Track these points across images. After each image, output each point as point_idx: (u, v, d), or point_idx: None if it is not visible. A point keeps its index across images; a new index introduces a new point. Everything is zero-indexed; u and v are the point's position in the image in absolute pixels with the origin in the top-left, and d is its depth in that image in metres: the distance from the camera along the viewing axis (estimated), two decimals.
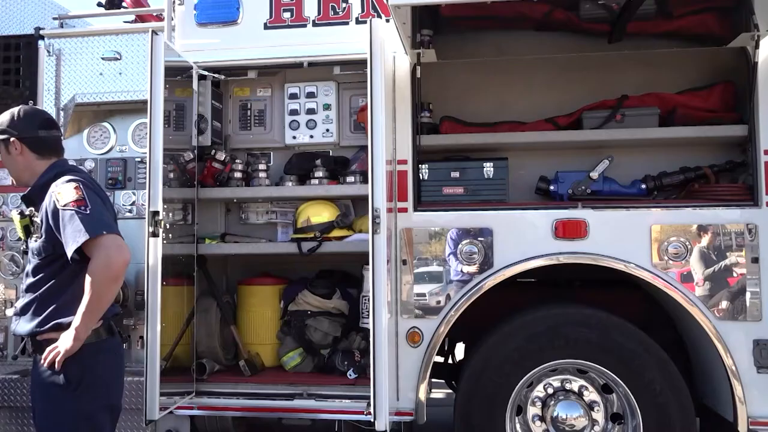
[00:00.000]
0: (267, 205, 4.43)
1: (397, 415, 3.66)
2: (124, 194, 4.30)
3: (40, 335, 2.73)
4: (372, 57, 3.27)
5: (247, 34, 4.04)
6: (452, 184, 3.93)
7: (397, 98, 3.79)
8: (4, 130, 2.84)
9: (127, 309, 4.13)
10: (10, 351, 4.31)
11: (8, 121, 2.86)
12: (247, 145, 4.48)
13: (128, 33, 4.49)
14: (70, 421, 2.68)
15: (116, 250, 2.61)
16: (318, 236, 4.04)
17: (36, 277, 2.76)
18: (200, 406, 3.87)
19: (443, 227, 3.78)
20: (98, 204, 2.71)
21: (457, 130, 4.21)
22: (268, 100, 4.47)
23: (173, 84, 3.86)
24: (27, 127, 2.86)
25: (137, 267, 4.03)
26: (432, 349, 3.70)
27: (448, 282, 3.75)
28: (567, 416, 3.61)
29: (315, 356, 4.19)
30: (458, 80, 4.48)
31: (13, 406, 3.97)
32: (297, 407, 3.79)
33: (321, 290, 4.22)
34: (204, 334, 4.12)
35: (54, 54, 4.48)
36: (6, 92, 4.47)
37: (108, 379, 2.81)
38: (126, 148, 4.38)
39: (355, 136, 4.35)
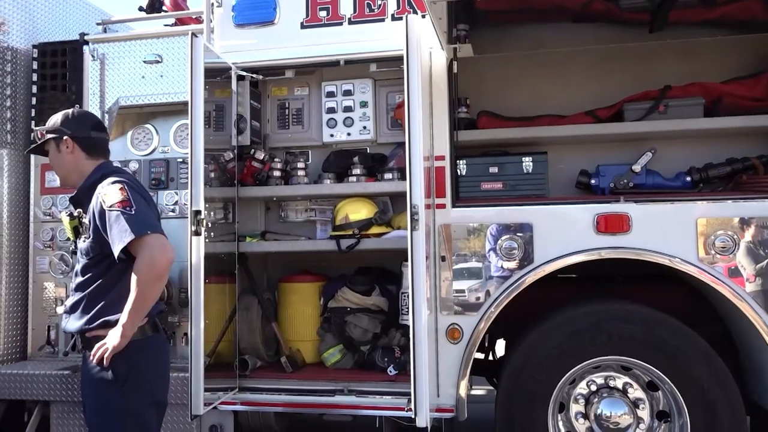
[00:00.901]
0: (306, 203, 4.47)
1: (437, 411, 3.65)
2: (167, 194, 4.39)
3: (89, 332, 2.80)
4: (408, 53, 3.26)
5: (284, 34, 4.07)
6: (491, 180, 3.91)
7: (433, 94, 3.77)
8: (57, 129, 2.93)
9: (171, 306, 4.22)
10: (62, 347, 4.45)
11: (62, 121, 2.95)
12: (285, 143, 4.52)
13: (169, 36, 4.57)
14: (118, 417, 2.75)
15: (160, 249, 2.67)
16: (356, 233, 4.06)
17: (84, 277, 2.84)
18: (243, 401, 3.92)
19: (482, 223, 3.75)
20: (142, 204, 2.77)
21: (495, 125, 4.17)
22: (306, 99, 4.49)
23: (213, 85, 3.92)
24: (80, 127, 2.95)
25: (181, 265, 4.11)
26: (472, 346, 3.68)
27: (487, 278, 3.72)
28: (611, 414, 3.55)
29: (355, 353, 4.21)
30: (495, 74, 4.44)
31: (65, 401, 4.10)
32: (338, 403, 3.81)
33: (360, 287, 4.24)
34: (246, 331, 4.18)
35: (98, 58, 4.59)
36: (54, 97, 4.60)
37: (153, 376, 2.88)
38: (168, 149, 4.46)
39: (392, 132, 4.35)
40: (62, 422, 4.15)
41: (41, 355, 4.52)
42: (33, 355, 4.54)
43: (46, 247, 4.56)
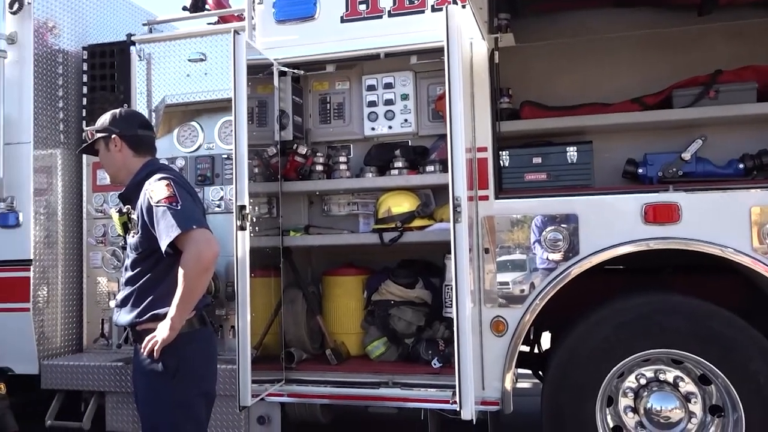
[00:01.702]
0: (348, 197, 4.49)
1: (482, 404, 3.63)
2: (213, 190, 4.48)
3: (139, 326, 2.88)
4: (449, 44, 3.23)
5: (325, 29, 4.09)
6: (534, 170, 3.85)
7: (475, 85, 3.74)
8: (106, 128, 3.02)
9: (218, 300, 4.31)
10: (115, 340, 4.60)
11: (110, 120, 3.04)
12: (327, 138, 4.55)
13: (212, 34, 4.65)
14: (169, 408, 2.82)
15: (206, 244, 2.72)
16: (399, 226, 4.06)
17: (134, 271, 2.92)
18: (290, 393, 3.97)
19: (525, 214, 3.70)
20: (188, 200, 2.83)
21: (538, 115, 4.11)
22: (347, 93, 4.51)
23: (255, 81, 3.96)
24: (128, 125, 3.03)
25: (227, 260, 4.19)
26: (517, 339, 3.65)
27: (532, 270, 3.67)
28: (662, 408, 3.48)
29: (399, 345, 4.22)
30: (538, 63, 4.37)
31: (119, 391, 4.23)
32: (383, 395, 3.83)
33: (403, 280, 4.24)
34: (291, 324, 4.23)
35: (145, 58, 4.70)
36: (103, 97, 4.74)
37: (201, 368, 2.94)
38: (213, 146, 4.55)
39: (433, 125, 4.33)
40: (117, 412, 4.30)
41: (96, 347, 4.68)
42: (88, 347, 4.71)
43: (99, 243, 4.71)
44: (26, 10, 4.50)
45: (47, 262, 4.55)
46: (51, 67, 4.67)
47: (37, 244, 4.49)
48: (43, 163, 4.59)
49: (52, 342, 4.54)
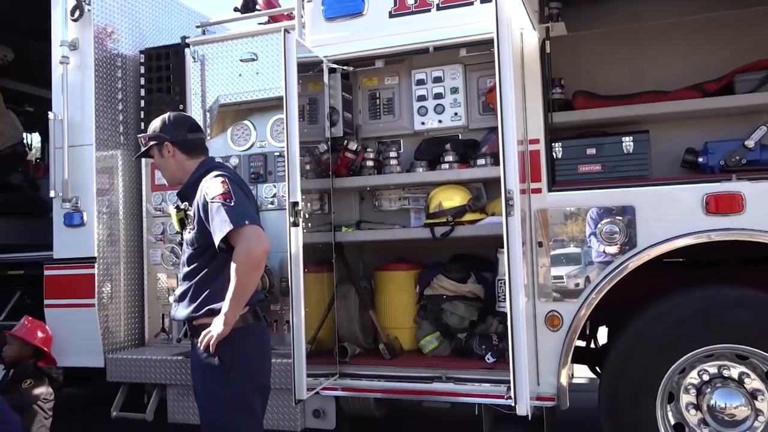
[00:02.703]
0: (399, 192, 4.49)
1: (538, 399, 3.59)
2: (266, 187, 4.55)
3: (196, 320, 2.96)
4: (499, 35, 3.19)
5: (373, 24, 4.10)
6: (589, 162, 3.77)
7: (526, 76, 3.68)
8: (157, 135, 3.11)
9: (273, 295, 4.38)
10: (175, 334, 4.74)
11: (160, 127, 3.13)
12: (377, 133, 4.56)
13: (262, 34, 4.73)
14: (225, 400, 2.89)
15: (256, 240, 2.77)
16: (450, 221, 4.04)
17: (191, 267, 3.00)
18: (344, 387, 4.01)
19: (580, 207, 3.63)
20: (242, 197, 2.89)
21: (592, 105, 4.01)
22: (396, 88, 4.50)
23: (305, 79, 4.01)
24: (177, 131, 3.11)
25: (280, 256, 4.26)
26: (573, 333, 3.58)
27: (587, 263, 3.60)
28: (726, 405, 3.36)
29: (452, 340, 4.21)
30: (591, 52, 4.27)
31: (180, 384, 4.36)
32: (436, 390, 3.83)
33: (455, 274, 4.22)
34: (344, 319, 4.27)
35: (198, 60, 4.81)
36: (159, 99, 4.88)
37: (256, 362, 3.00)
38: (265, 144, 4.62)
39: (484, 118, 4.28)
40: (177, 404, 4.43)
41: (157, 341, 4.83)
42: (150, 341, 4.87)
43: (158, 240, 4.86)
44: (86, 17, 4.67)
45: (110, 259, 4.72)
46: (110, 71, 4.83)
47: (101, 242, 4.66)
48: (105, 164, 4.75)
49: (116, 336, 4.71)
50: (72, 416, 4.77)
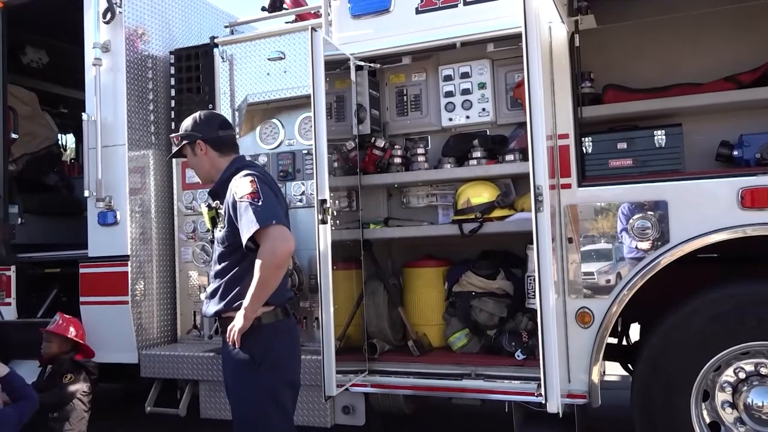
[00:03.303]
0: (427, 188, 4.48)
1: (569, 397, 3.55)
2: (294, 185, 4.58)
3: (224, 313, 3.00)
4: (527, 30, 3.16)
5: (400, 21, 4.09)
6: (619, 156, 3.71)
7: (555, 70, 3.64)
8: (190, 134, 3.15)
9: (302, 293, 4.41)
10: (206, 331, 4.80)
11: (192, 126, 3.17)
12: (404, 130, 4.55)
13: (290, 33, 4.75)
14: (256, 396, 2.92)
15: (281, 240, 2.79)
16: (479, 217, 4.02)
17: (221, 265, 3.04)
18: (373, 384, 4.02)
19: (610, 202, 3.58)
20: (270, 196, 2.91)
21: (623, 99, 3.96)
22: (423, 85, 4.49)
23: (333, 77, 4.02)
24: (209, 128, 3.15)
25: (309, 253, 4.29)
26: (604, 330, 3.54)
27: (618, 260, 3.55)
28: (763, 404, 3.28)
29: (481, 337, 4.19)
30: (621, 45, 4.21)
31: (212, 380, 4.42)
32: (466, 387, 3.81)
33: (484, 271, 4.20)
34: (373, 316, 4.28)
35: (227, 59, 4.86)
36: (189, 98, 4.94)
37: (286, 358, 3.03)
38: (294, 142, 4.65)
39: (512, 113, 4.25)
40: (210, 399, 4.49)
41: (189, 338, 4.91)
42: (182, 338, 4.94)
43: (189, 238, 4.93)
44: (118, 19, 4.75)
45: (143, 257, 4.81)
46: (141, 72, 4.91)
47: (134, 240, 4.74)
48: (137, 163, 4.83)
49: (149, 333, 4.80)
50: (108, 411, 4.86)
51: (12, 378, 2.96)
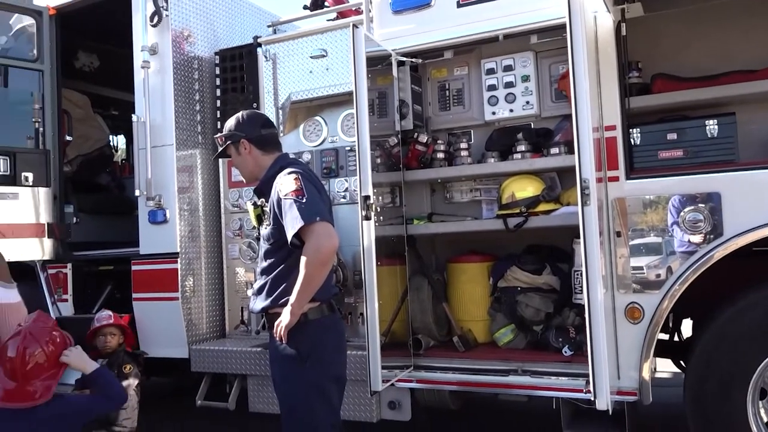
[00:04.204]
0: (471, 183, 4.45)
1: (619, 394, 3.49)
2: (338, 182, 4.61)
3: (271, 309, 3.05)
4: (571, 20, 3.10)
5: (441, 15, 4.06)
6: (669, 147, 3.61)
7: (601, 60, 3.56)
8: (233, 134, 3.20)
9: (347, 288, 4.44)
10: (254, 326, 4.88)
11: (235, 125, 3.22)
12: (447, 125, 4.53)
13: (331, 30, 4.77)
14: (303, 391, 2.96)
15: (326, 237, 2.82)
16: (524, 211, 3.97)
17: (267, 262, 3.09)
18: (418, 379, 4.03)
19: (660, 195, 3.49)
20: (314, 194, 2.94)
21: (672, 88, 3.85)
22: (465, 79, 4.46)
23: (375, 73, 4.02)
24: (251, 128, 3.20)
25: (353, 249, 4.31)
26: (655, 326, 3.46)
27: (668, 253, 3.46)
28: None
29: (527, 332, 4.15)
30: (669, 33, 4.09)
31: (260, 375, 4.49)
32: (512, 383, 3.78)
33: (530, 266, 4.15)
34: (418, 311, 4.28)
35: (270, 59, 4.92)
36: (234, 98, 5.02)
37: (332, 353, 3.06)
38: (337, 139, 4.68)
39: (556, 105, 4.18)
40: (258, 393, 4.56)
41: (237, 333, 5.00)
42: (230, 333, 5.04)
43: (236, 235, 5.01)
44: (165, 22, 4.86)
45: (192, 254, 4.91)
46: (188, 73, 5.01)
47: (183, 238, 4.85)
48: (185, 163, 4.94)
49: (198, 328, 4.90)
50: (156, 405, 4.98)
51: (97, 376, 3.00)
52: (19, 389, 2.70)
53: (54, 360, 2.81)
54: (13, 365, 2.72)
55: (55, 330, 2.91)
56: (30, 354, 2.73)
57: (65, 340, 2.95)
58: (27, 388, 2.71)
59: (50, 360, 2.79)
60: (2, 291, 3.02)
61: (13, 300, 3.06)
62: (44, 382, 2.75)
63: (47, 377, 2.77)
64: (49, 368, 2.78)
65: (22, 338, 2.77)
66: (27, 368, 2.72)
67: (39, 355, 2.75)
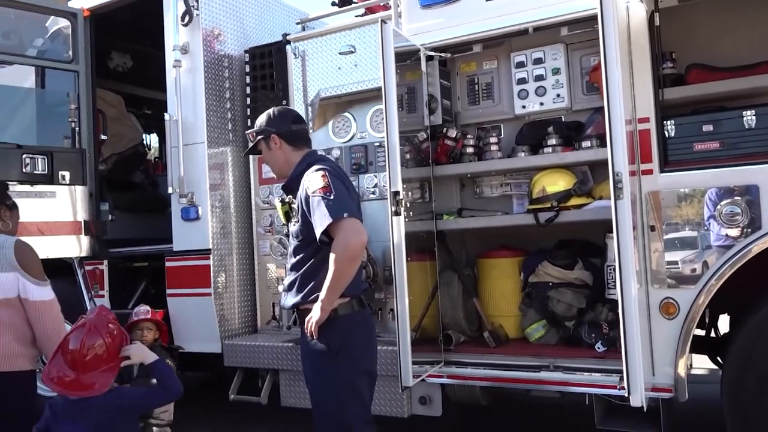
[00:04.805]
0: (501, 178, 4.41)
1: (653, 390, 3.43)
2: (367, 178, 4.61)
3: (302, 305, 3.07)
4: (603, 11, 3.06)
5: (470, 9, 4.03)
6: (705, 139, 3.53)
7: (633, 52, 3.50)
8: (264, 129, 3.23)
9: (377, 284, 4.45)
10: (285, 322, 4.93)
11: (266, 121, 3.25)
12: (476, 119, 4.50)
13: (360, 26, 4.78)
14: (334, 385, 2.98)
15: (354, 234, 2.82)
16: (555, 206, 3.93)
17: (296, 258, 3.11)
18: (449, 375, 4.02)
19: (695, 188, 3.42)
20: (342, 190, 2.94)
21: (708, 78, 3.75)
22: (495, 72, 4.42)
23: (403, 68, 4.02)
24: (282, 123, 3.22)
25: (383, 245, 4.32)
26: (690, 322, 3.39)
27: (704, 248, 3.39)
28: None
29: (559, 328, 4.11)
30: (705, 22, 4.00)
31: (291, 369, 4.53)
32: (544, 379, 3.75)
33: (561, 261, 4.11)
34: (448, 307, 4.27)
35: (299, 56, 4.94)
36: (264, 95, 5.06)
37: (363, 348, 3.07)
38: (365, 135, 4.68)
39: (588, 98, 4.12)
40: (290, 388, 4.61)
41: (268, 328, 5.05)
42: (262, 328, 5.09)
43: (266, 232, 5.06)
44: (195, 21, 4.91)
45: (223, 250, 4.97)
46: (218, 71, 5.07)
47: (215, 234, 4.92)
48: (216, 160, 5.00)
49: (231, 323, 4.97)
50: (190, 398, 5.05)
51: (157, 366, 3.06)
52: (78, 379, 2.78)
53: (114, 352, 2.88)
54: (74, 356, 2.79)
55: (114, 323, 2.97)
56: (91, 345, 2.80)
57: (123, 333, 3.01)
58: (86, 379, 2.78)
59: (110, 352, 2.85)
60: (36, 289, 3.09)
61: (47, 297, 3.13)
62: (103, 374, 2.82)
63: (106, 369, 2.83)
64: (108, 360, 2.84)
65: (87, 330, 2.83)
66: (87, 359, 2.79)
67: (99, 346, 2.82)
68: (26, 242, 3.21)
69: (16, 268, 3.05)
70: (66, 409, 2.78)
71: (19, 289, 3.05)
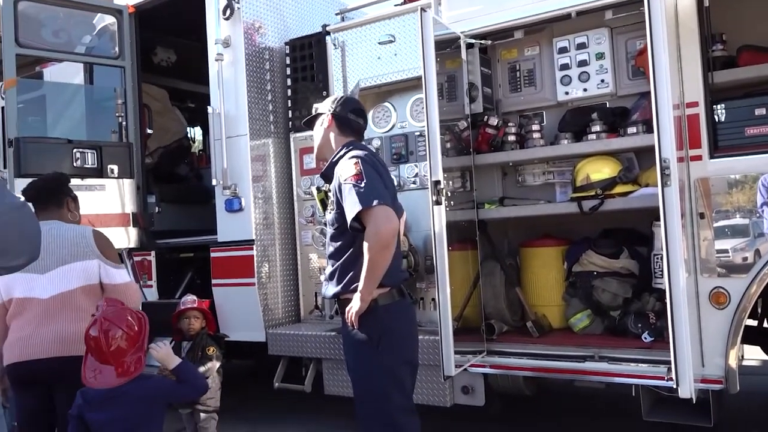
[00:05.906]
0: (543, 166, 4.36)
1: (703, 382, 3.35)
2: (408, 167, 4.60)
3: (342, 295, 3.09)
4: None
5: None
6: (758, 124, 3.42)
7: (681, 34, 3.40)
8: (324, 106, 3.27)
9: (418, 274, 4.45)
10: (327, 311, 4.97)
11: (331, 101, 3.28)
12: (518, 107, 4.45)
13: (399, 15, 4.75)
14: (376, 374, 2.99)
15: (384, 220, 2.81)
16: (599, 194, 3.86)
17: (334, 246, 3.12)
18: (492, 365, 4.00)
19: (747, 174, 3.32)
20: (374, 178, 2.93)
21: (761, 60, 3.62)
22: (537, 59, 4.36)
23: (443, 56, 3.98)
24: (342, 108, 3.23)
25: (424, 234, 4.31)
26: (742, 312, 3.30)
27: (757, 236, 3.29)
28: None
29: (604, 318, 4.04)
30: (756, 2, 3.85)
31: (334, 358, 4.58)
32: (589, 369, 3.70)
33: (606, 249, 4.04)
34: (490, 296, 4.24)
35: (339, 46, 4.95)
36: (304, 87, 5.09)
37: (403, 337, 3.07)
38: (406, 124, 4.67)
39: (633, 83, 4.02)
40: (332, 376, 4.66)
41: (311, 318, 5.10)
42: (305, 318, 5.15)
43: (308, 222, 5.11)
44: (236, 14, 4.97)
45: (266, 241, 5.04)
46: (259, 64, 5.11)
47: (258, 225, 4.98)
48: (258, 152, 5.06)
49: (274, 313, 5.04)
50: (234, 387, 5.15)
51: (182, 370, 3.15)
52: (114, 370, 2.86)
53: (136, 337, 2.95)
54: (100, 351, 2.86)
55: (127, 310, 3.04)
56: (112, 337, 2.88)
57: (141, 317, 3.06)
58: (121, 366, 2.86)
59: (132, 339, 2.93)
60: (119, 273, 3.27)
61: (128, 279, 3.34)
62: (134, 356, 2.90)
63: (135, 350, 2.92)
64: (132, 345, 2.92)
65: (99, 326, 2.90)
66: (112, 350, 2.87)
67: (121, 337, 2.89)
68: (100, 231, 3.37)
69: (99, 255, 3.21)
70: (97, 397, 2.87)
71: (101, 275, 3.21)
